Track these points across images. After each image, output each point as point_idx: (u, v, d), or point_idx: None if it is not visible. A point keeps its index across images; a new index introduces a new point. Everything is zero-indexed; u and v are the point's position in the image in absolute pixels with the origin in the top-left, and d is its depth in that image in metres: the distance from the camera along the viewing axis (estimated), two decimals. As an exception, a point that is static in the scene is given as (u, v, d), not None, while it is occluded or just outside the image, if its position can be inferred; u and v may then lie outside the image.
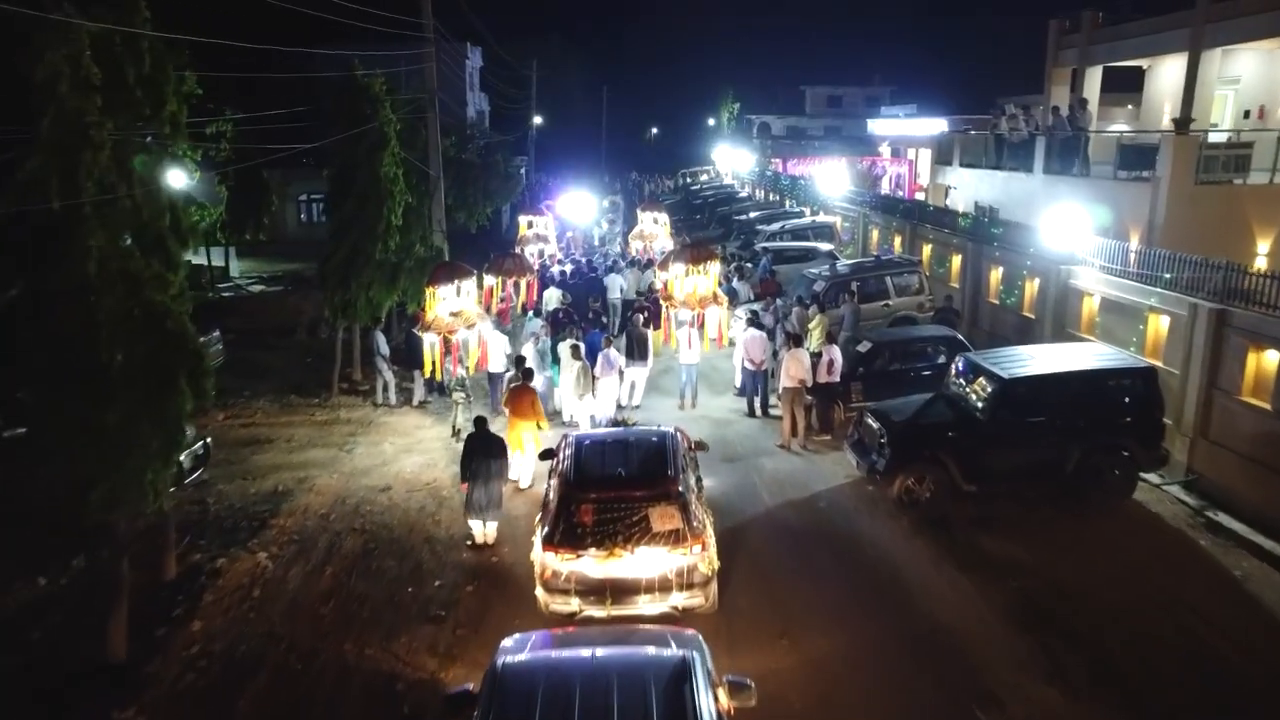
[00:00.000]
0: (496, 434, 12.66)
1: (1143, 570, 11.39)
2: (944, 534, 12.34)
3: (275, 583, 11.21)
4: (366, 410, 18.15)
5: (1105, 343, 16.45)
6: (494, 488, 12.14)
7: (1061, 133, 22.94)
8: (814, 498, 13.77)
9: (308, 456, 15.52)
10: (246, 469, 14.85)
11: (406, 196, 19.62)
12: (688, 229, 37.98)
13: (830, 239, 29.57)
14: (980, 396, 13.04)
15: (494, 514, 12.27)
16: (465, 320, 15.94)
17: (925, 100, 57.16)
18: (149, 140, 9.51)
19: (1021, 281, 19.86)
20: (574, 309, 21.30)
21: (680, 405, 17.93)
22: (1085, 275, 17.48)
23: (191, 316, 9.49)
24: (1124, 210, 20.23)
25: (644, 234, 26.53)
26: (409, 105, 22.28)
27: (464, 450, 12.24)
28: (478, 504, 12.09)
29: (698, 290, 16.80)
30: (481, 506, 12.11)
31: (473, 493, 12.08)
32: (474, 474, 12.02)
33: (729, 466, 14.96)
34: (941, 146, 32.10)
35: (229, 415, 17.63)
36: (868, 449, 13.42)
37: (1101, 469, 12.69)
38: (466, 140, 42.57)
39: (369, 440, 16.41)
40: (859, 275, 21.28)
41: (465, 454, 12.19)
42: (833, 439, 16.06)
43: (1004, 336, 20.44)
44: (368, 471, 14.86)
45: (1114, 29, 26.27)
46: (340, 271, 17.81)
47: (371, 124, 17.63)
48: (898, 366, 16.77)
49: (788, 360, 15.41)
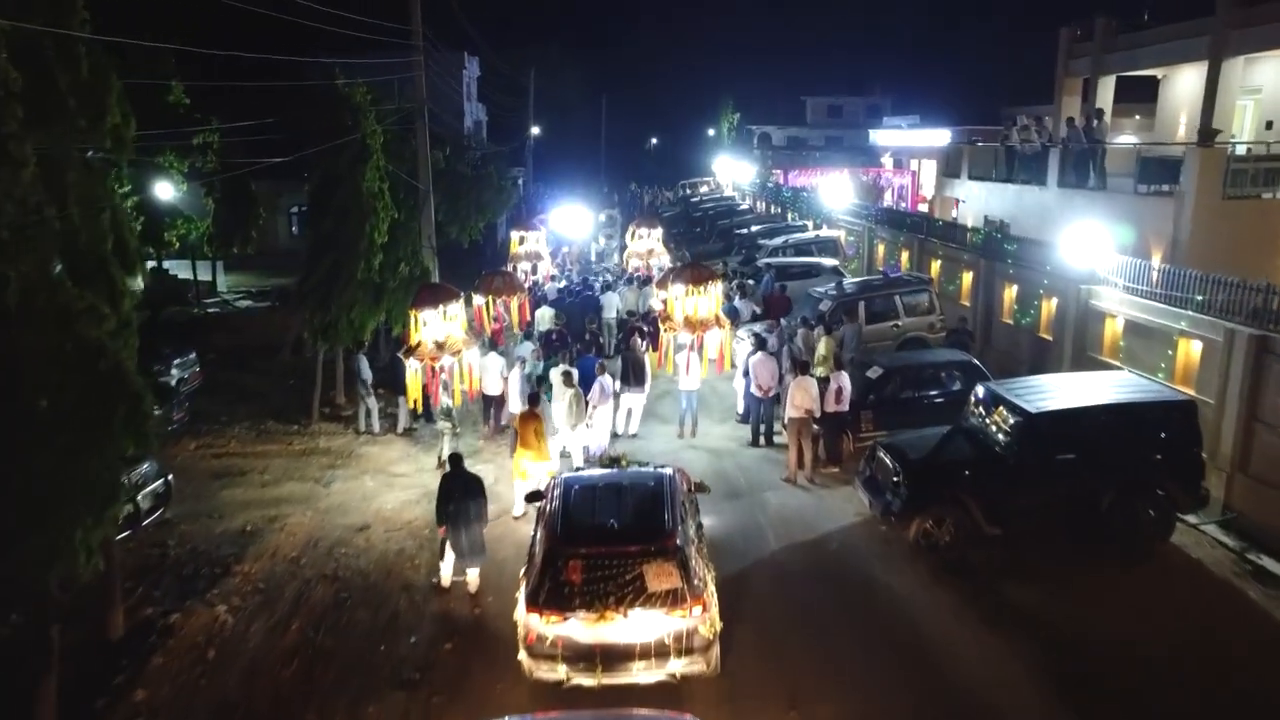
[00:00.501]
0: (473, 473, 11.67)
1: (1186, 625, 10.40)
2: (966, 581, 11.35)
3: (234, 641, 10.19)
4: (348, 439, 17.16)
5: (1130, 367, 15.54)
6: (475, 531, 11.16)
7: (1077, 145, 22.00)
8: (823, 539, 12.77)
9: (282, 491, 14.51)
10: (214, 505, 13.83)
11: (393, 211, 18.66)
12: (687, 243, 37.05)
13: (835, 254, 28.60)
14: (1003, 431, 12.05)
15: (476, 559, 11.29)
16: (451, 347, 14.96)
17: (927, 111, 56.38)
18: (89, 155, 8.55)
19: (1038, 301, 18.91)
20: (568, 330, 20.34)
21: (680, 433, 16.95)
22: (1107, 295, 16.54)
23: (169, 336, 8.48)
24: (1145, 226, 19.28)
25: (639, 251, 25.51)
26: (395, 116, 21.33)
27: (439, 491, 11.27)
28: (458, 549, 11.12)
29: (698, 312, 15.82)
30: (463, 552, 11.13)
31: (451, 538, 11.11)
32: (452, 517, 11.05)
33: (732, 503, 13.97)
34: (949, 158, 31.16)
35: (201, 444, 16.63)
36: (881, 488, 12.42)
37: (1136, 511, 11.68)
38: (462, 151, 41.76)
39: (349, 473, 15.41)
40: (867, 294, 20.32)
41: (440, 495, 11.22)
42: (842, 471, 15.09)
43: (1019, 358, 19.50)
44: (345, 508, 13.86)
45: (1130, 36, 25.40)
46: (320, 291, 16.82)
47: (353, 135, 16.67)
48: (910, 394, 15.80)
49: (794, 388, 14.42)
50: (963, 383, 15.70)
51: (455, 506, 11.04)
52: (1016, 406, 11.87)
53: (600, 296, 22.50)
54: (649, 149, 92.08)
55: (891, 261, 27.50)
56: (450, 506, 11.05)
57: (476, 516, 11.17)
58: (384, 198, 17.97)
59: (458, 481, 11.24)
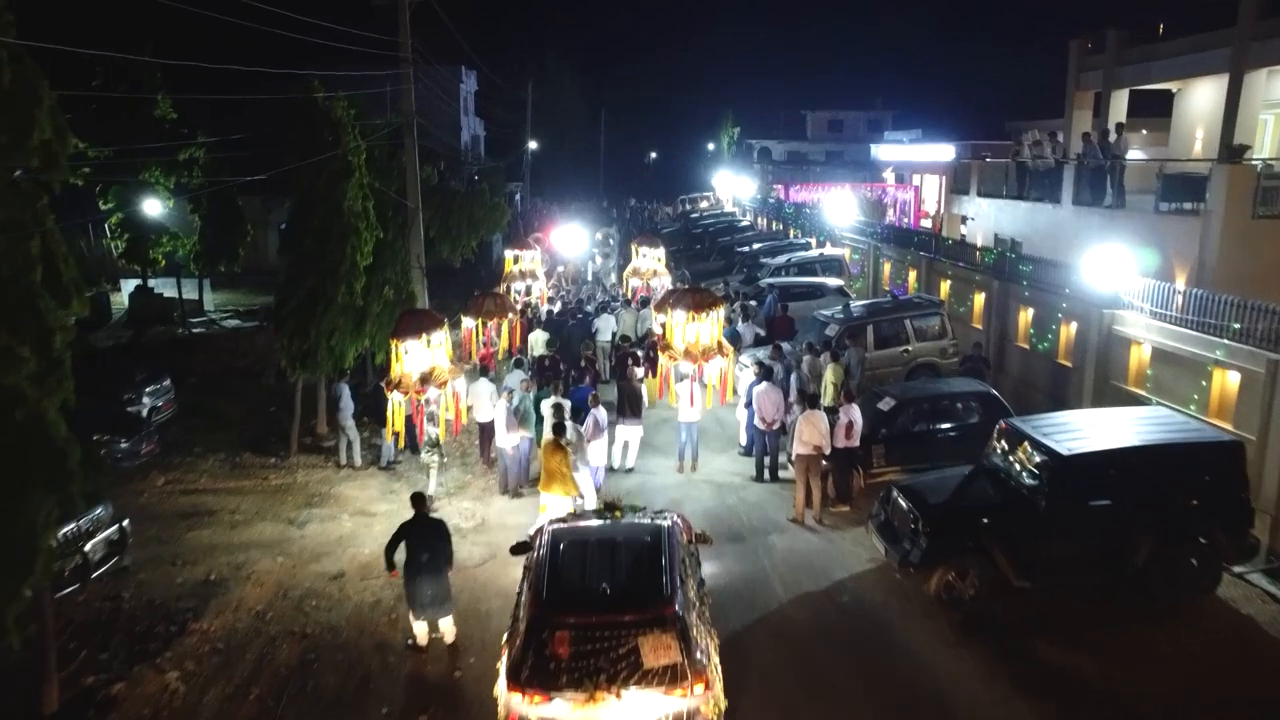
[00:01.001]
0: (436, 518, 10.66)
1: (1237, 693, 9.40)
2: (992, 640, 10.36)
3: (184, 714, 9.17)
4: (327, 473, 16.16)
5: (1158, 398, 14.61)
6: (439, 582, 10.19)
7: (1093, 161, 21.08)
8: (835, 589, 11.76)
9: (252, 534, 13.51)
10: (177, 550, 12.82)
11: (378, 231, 17.73)
12: (687, 260, 36.10)
13: (839, 273, 27.65)
14: (1031, 474, 11.06)
15: (442, 609, 10.33)
16: (438, 378, 13.99)
17: (929, 125, 55.66)
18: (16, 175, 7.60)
19: (1056, 325, 17.96)
20: (562, 355, 19.36)
21: (679, 467, 15.97)
22: (1133, 321, 15.59)
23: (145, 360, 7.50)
24: (1168, 247, 18.32)
25: (640, 270, 24.49)
26: (383, 130, 20.45)
27: (393, 536, 10.26)
28: (420, 602, 10.15)
29: (700, 340, 14.86)
30: (425, 604, 10.16)
31: (407, 589, 10.14)
32: (412, 566, 10.09)
33: (735, 547, 12.98)
34: (957, 174, 30.24)
35: (170, 479, 15.64)
36: (898, 534, 11.43)
37: (1178, 561, 10.69)
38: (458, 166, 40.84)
39: (325, 511, 14.41)
40: (875, 318, 19.35)
41: (394, 540, 10.23)
42: (852, 509, 14.13)
43: (1035, 385, 18.55)
44: (318, 554, 12.85)
45: (1144, 49, 24.51)
46: (299, 316, 15.85)
47: (333, 151, 15.74)
48: (924, 427, 14.85)
49: (802, 423, 13.44)
50: (980, 415, 14.78)
51: (414, 554, 10.09)
52: (1046, 447, 10.89)
53: (595, 319, 21.49)
54: (648, 163, 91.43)
55: (899, 281, 26.59)
56: (410, 554, 10.11)
57: (439, 566, 10.20)
58: (368, 216, 17.05)
59: (417, 527, 10.25)
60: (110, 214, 28.75)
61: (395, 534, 10.30)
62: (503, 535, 13.42)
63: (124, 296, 33.13)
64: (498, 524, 14.07)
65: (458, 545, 13.04)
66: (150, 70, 26.84)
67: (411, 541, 10.17)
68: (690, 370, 15.02)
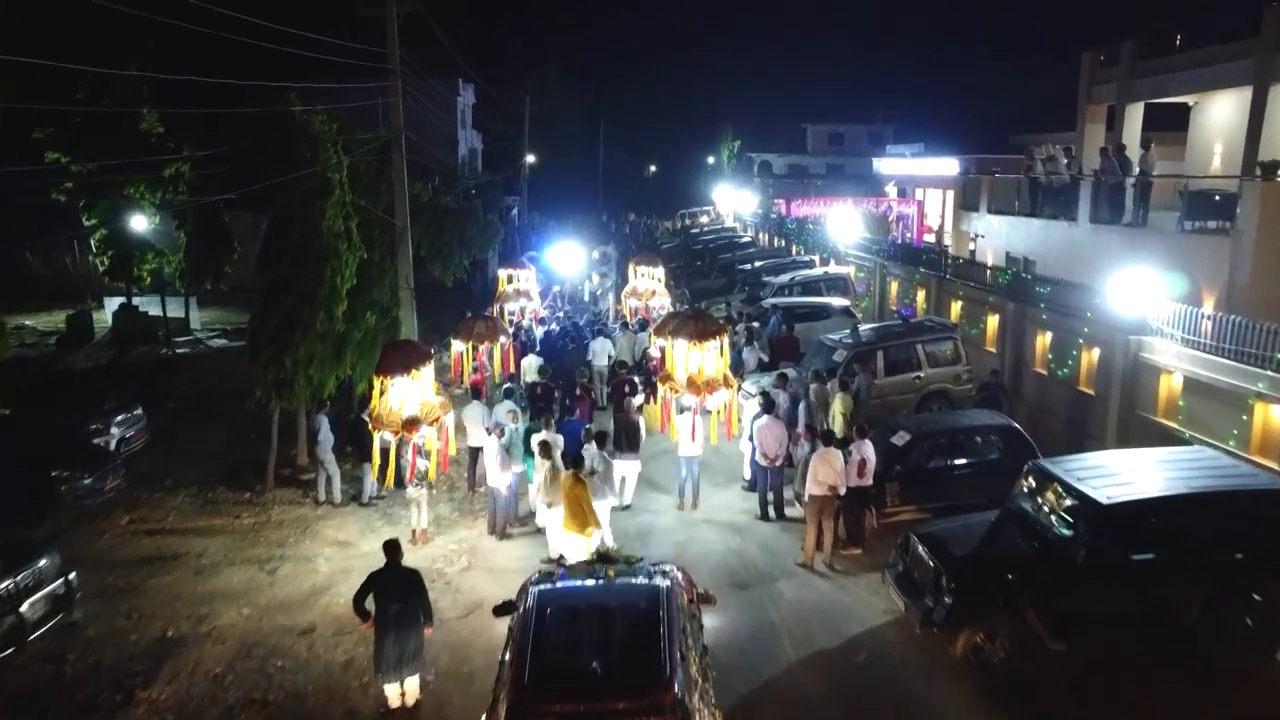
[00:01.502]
0: (410, 568, 9.69)
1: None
2: (1026, 707, 9.38)
3: (123, 802, 8.20)
4: (304, 510, 15.17)
5: (1190, 431, 13.67)
6: (411, 638, 9.25)
7: (1112, 177, 20.18)
8: (850, 646, 10.76)
9: (218, 581, 12.50)
10: (134, 601, 11.81)
11: (361, 251, 16.80)
12: (687, 278, 35.19)
13: (844, 293, 26.71)
14: (1065, 522, 10.08)
15: (410, 667, 9.36)
16: (429, 416, 13.02)
17: (932, 138, 54.94)
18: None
19: (1076, 351, 17.00)
20: (556, 381, 18.39)
21: (679, 505, 14.99)
22: (1162, 349, 14.64)
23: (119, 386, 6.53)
24: (1194, 268, 17.40)
25: (638, 291, 23.52)
26: (370, 145, 19.54)
27: (362, 585, 9.33)
28: (387, 661, 9.19)
29: (703, 371, 13.89)
30: (392, 664, 9.20)
31: (378, 645, 9.19)
32: (381, 620, 9.18)
33: (739, 595, 11.99)
34: (966, 189, 29.37)
35: (135, 517, 14.66)
36: (919, 588, 10.44)
37: (1230, 621, 9.69)
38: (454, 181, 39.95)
39: (300, 554, 13.42)
40: (885, 342, 18.39)
41: (363, 590, 9.29)
42: (865, 551, 13.16)
43: (1054, 412, 17.59)
44: (288, 604, 11.84)
45: (1160, 61, 23.66)
46: (274, 344, 14.89)
47: (311, 168, 14.82)
48: (941, 463, 13.88)
49: (817, 462, 12.45)
50: (1002, 451, 13.85)
51: (382, 607, 9.18)
52: (1082, 494, 9.91)
53: (591, 343, 20.50)
54: (647, 176, 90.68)
55: (906, 301, 25.65)
56: (380, 608, 9.19)
57: (412, 620, 9.28)
58: (350, 237, 16.13)
59: (389, 578, 9.31)
60: (94, 230, 27.87)
61: (364, 584, 9.36)
62: (490, 582, 12.50)
63: (108, 315, 32.22)
64: (484, 568, 13.10)
65: (440, 594, 12.20)
66: (136, 84, 26.01)
67: (380, 593, 9.25)
68: (692, 403, 14.06)
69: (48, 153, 25.69)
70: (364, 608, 9.30)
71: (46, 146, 25.64)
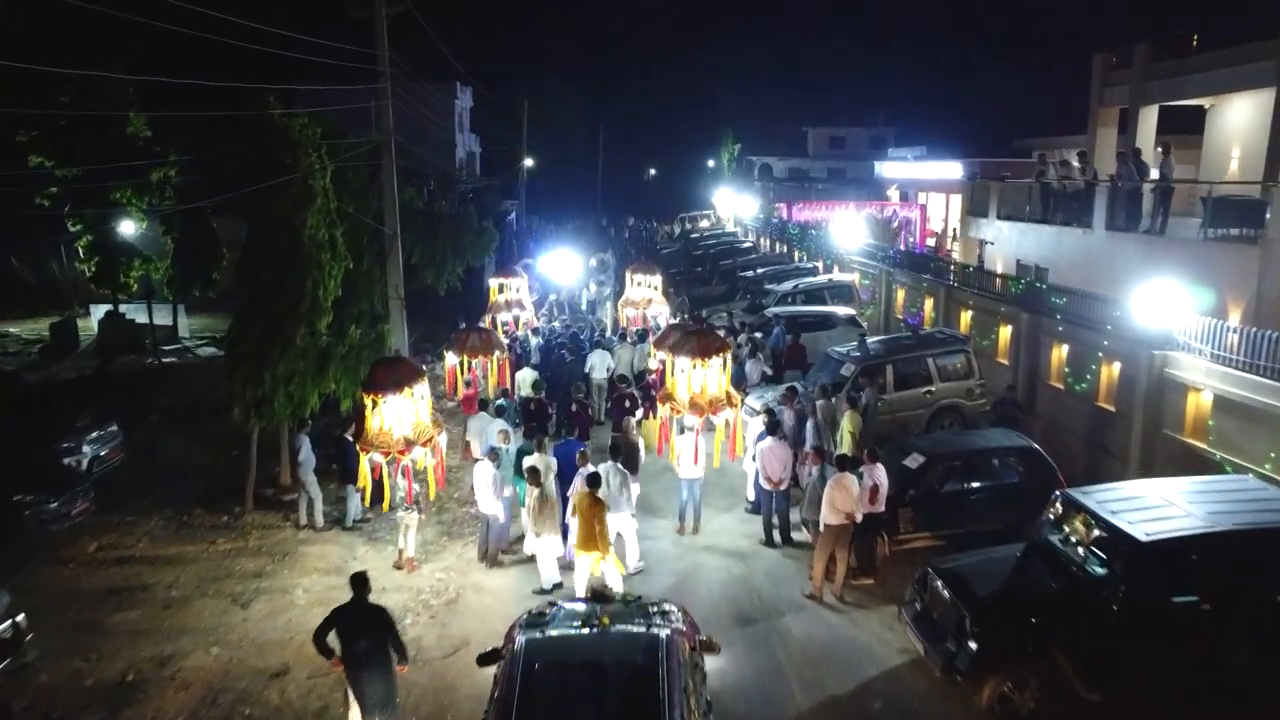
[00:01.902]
0: (376, 604, 8.90)
1: None
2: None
3: None
4: (285, 534, 14.39)
5: (1223, 452, 12.90)
6: (380, 679, 8.50)
7: (1130, 182, 19.40)
8: (864, 692, 9.98)
9: (187, 615, 11.70)
10: (95, 640, 11.01)
11: (347, 261, 16.05)
12: (687, 285, 34.43)
13: (849, 301, 25.93)
14: (1098, 560, 9.30)
15: (385, 711, 8.59)
16: (421, 436, 12.22)
17: (934, 142, 54.37)
18: None
19: (1096, 365, 16.21)
20: (553, 396, 17.62)
21: (679, 529, 14.23)
22: (1190, 365, 13.85)
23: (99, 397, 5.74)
24: (1219, 278, 16.60)
25: (634, 300, 22.69)
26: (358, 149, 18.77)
27: (324, 621, 8.57)
28: (362, 703, 8.47)
29: (707, 390, 13.11)
30: (367, 707, 8.46)
31: (352, 687, 8.50)
32: (350, 658, 8.46)
33: (744, 632, 11.23)
34: (975, 194, 28.54)
35: (104, 543, 13.86)
36: (939, 630, 9.66)
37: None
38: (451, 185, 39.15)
39: (277, 584, 12.62)
40: (895, 356, 17.60)
41: (324, 626, 8.53)
42: (876, 581, 12.39)
43: (1070, 429, 16.79)
44: (261, 642, 11.05)
45: (1176, 63, 22.87)
46: (253, 359, 14.10)
47: (292, 174, 14.05)
48: (957, 487, 13.10)
49: (832, 489, 11.65)
50: (1021, 474, 13.11)
51: (348, 645, 8.44)
52: (1117, 530, 9.12)
53: (590, 355, 19.67)
54: (647, 180, 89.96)
55: (913, 310, 24.88)
56: (346, 648, 8.46)
57: (381, 662, 8.52)
58: (335, 246, 15.38)
59: (354, 615, 8.54)
60: (79, 236, 27.12)
61: (326, 620, 8.60)
62: (478, 615, 11.78)
63: (94, 323, 31.46)
64: (474, 599, 12.34)
65: (425, 629, 11.45)
66: (122, 86, 25.26)
67: (344, 630, 8.50)
68: (694, 423, 13.28)
69: (32, 156, 24.95)
70: (326, 645, 8.55)
71: (31, 150, 24.90)
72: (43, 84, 24.33)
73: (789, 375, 19.79)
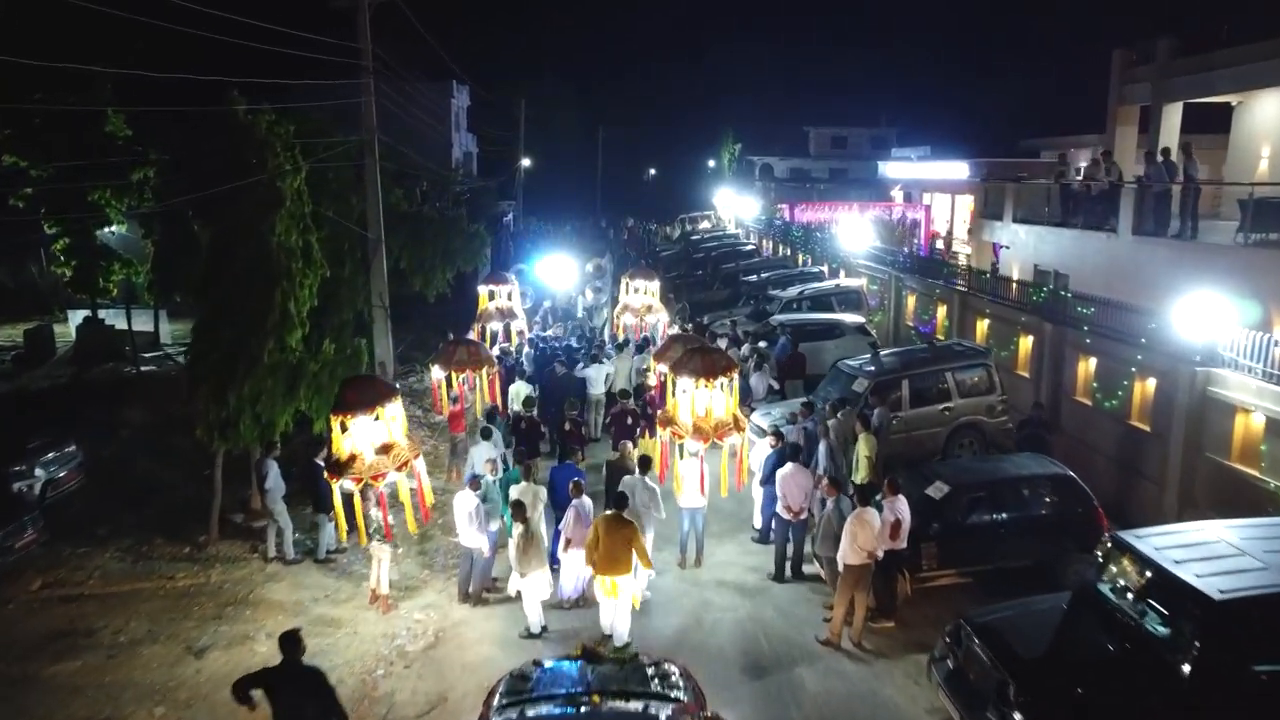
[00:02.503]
0: (311, 666, 7.75)
1: None
2: None
3: None
4: (250, 568, 13.21)
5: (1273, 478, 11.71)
6: None
7: (1160, 184, 18.23)
8: (891, 762, 8.83)
9: (133, 667, 10.50)
10: (25, 699, 9.82)
11: (323, 270, 14.90)
12: (688, 289, 33.25)
13: (857, 308, 24.77)
14: (1161, 618, 8.12)
15: None
16: (396, 459, 11.04)
17: (937, 142, 53.28)
18: None
19: (1129, 380, 15.05)
20: (546, 414, 16.42)
21: (680, 561, 13.05)
22: (1237, 383, 12.70)
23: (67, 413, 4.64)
24: (1259, 285, 15.41)
25: (631, 307, 21.47)
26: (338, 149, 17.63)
27: (249, 677, 7.56)
28: None
29: (712, 414, 11.93)
30: None
31: None
32: None
33: (753, 686, 10.08)
34: (989, 196, 27.35)
35: (50, 580, 12.64)
36: (977, 695, 8.47)
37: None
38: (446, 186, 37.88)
39: (238, 629, 11.43)
40: (911, 370, 16.42)
41: (248, 681, 7.50)
42: (897, 624, 11.24)
43: (1099, 447, 15.62)
44: (214, 701, 9.81)
45: (1204, 58, 21.68)
46: (215, 378, 12.93)
47: (259, 175, 12.89)
48: (984, 518, 11.91)
49: (853, 524, 10.48)
50: (1054, 504, 11.96)
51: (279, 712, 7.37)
52: (1184, 586, 7.93)
53: (587, 368, 18.46)
54: (647, 180, 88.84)
55: (925, 318, 23.72)
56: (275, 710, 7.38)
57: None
58: (309, 253, 14.24)
59: (286, 679, 7.42)
60: (55, 239, 25.98)
61: (253, 676, 7.59)
62: (458, 664, 10.66)
63: (72, 329, 30.28)
64: (455, 644, 11.20)
65: (399, 680, 10.37)
66: (101, 83, 24.15)
67: (273, 696, 7.39)
68: (698, 449, 12.12)
69: (5, 156, 23.86)
70: (246, 694, 7.44)
71: (4, 150, 23.79)
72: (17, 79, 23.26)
73: (788, 386, 18.69)
